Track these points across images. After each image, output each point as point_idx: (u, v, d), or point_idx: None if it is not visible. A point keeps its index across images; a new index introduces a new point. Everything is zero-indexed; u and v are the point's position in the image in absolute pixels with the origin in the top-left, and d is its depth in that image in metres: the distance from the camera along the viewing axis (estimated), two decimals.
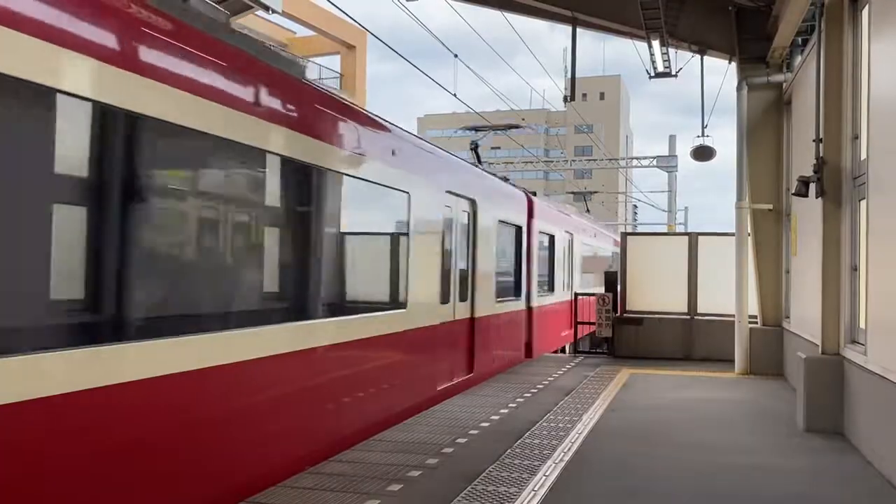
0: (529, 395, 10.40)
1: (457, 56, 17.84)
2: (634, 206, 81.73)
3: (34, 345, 4.08)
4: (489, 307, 12.39)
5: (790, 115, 12.90)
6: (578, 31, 14.95)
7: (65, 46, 4.16)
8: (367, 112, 8.64)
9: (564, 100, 17.44)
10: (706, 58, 14.36)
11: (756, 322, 13.42)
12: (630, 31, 14.39)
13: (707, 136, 17.42)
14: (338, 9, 12.09)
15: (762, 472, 6.68)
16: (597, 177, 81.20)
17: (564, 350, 18.72)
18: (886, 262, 6.74)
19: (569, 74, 16.39)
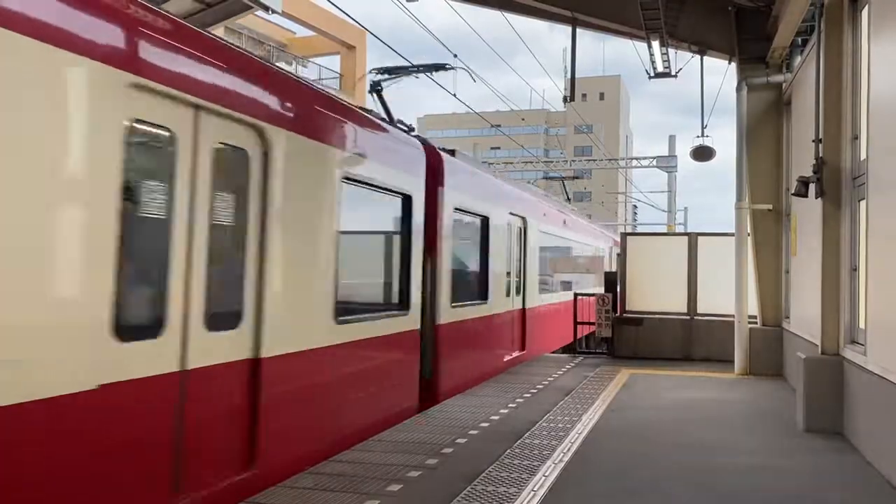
0: (529, 396, 10.40)
1: (456, 56, 17.84)
2: (634, 207, 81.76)
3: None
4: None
5: (790, 116, 12.90)
6: (578, 32, 14.95)
7: None
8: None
9: (564, 100, 17.45)
10: (706, 58, 14.38)
11: (756, 322, 13.42)
12: (630, 32, 14.39)
13: (707, 137, 17.44)
14: (338, 9, 12.11)
15: (762, 473, 6.68)
16: (596, 177, 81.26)
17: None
18: (886, 263, 6.74)
19: (568, 74, 16.41)
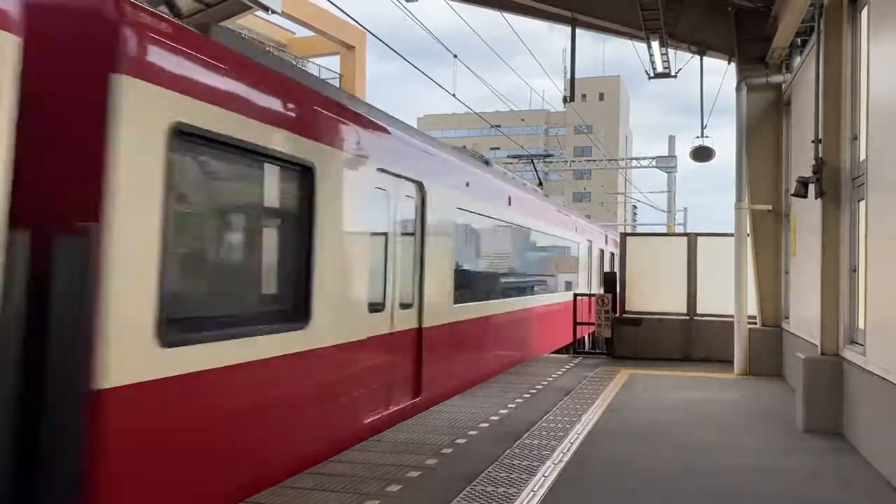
0: (529, 396, 10.40)
1: (456, 56, 17.87)
2: (634, 207, 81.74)
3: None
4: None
5: (789, 116, 12.90)
6: (578, 32, 14.96)
7: None
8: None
9: (564, 100, 17.47)
10: (705, 58, 14.38)
11: (755, 323, 13.43)
12: (629, 32, 14.40)
13: (706, 137, 17.47)
14: (338, 9, 12.10)
15: (762, 473, 6.68)
16: (596, 177, 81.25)
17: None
18: (885, 263, 6.75)
19: (568, 75, 16.44)
